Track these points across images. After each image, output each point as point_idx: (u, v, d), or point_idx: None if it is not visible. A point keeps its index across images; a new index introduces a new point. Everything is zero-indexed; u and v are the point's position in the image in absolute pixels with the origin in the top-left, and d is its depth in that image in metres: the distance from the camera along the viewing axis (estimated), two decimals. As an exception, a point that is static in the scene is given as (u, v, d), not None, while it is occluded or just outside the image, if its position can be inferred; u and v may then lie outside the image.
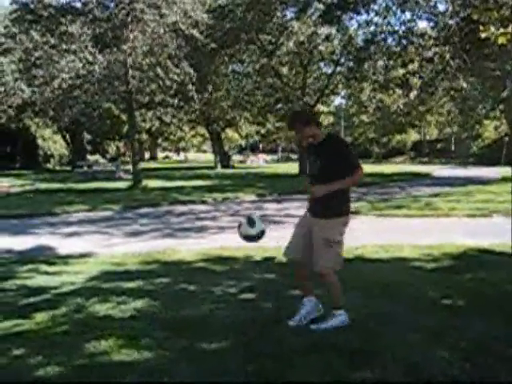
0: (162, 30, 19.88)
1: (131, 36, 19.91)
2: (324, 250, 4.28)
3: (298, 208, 14.08)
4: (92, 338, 4.06)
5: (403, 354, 3.64)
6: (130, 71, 20.58)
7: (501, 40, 7.22)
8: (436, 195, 16.49)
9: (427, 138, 61.82)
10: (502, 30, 7.18)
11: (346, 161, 4.27)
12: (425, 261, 6.83)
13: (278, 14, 27.56)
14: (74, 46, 19.44)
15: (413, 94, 31.04)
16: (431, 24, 24.94)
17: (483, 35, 7.41)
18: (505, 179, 20.46)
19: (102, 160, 45.14)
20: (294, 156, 56.03)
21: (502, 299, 4.97)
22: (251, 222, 4.50)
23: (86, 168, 31.17)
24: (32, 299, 5.37)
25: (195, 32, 20.41)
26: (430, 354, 3.65)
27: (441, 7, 23.78)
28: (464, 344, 3.82)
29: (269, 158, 61.41)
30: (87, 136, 47.18)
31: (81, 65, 19.50)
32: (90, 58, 19.45)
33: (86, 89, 21.68)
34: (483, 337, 3.95)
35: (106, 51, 20.21)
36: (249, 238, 4.54)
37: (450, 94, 29.93)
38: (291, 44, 29.06)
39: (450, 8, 21.78)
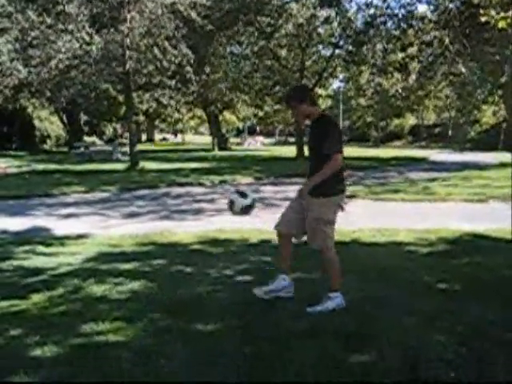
0: (159, 11, 19.69)
1: (129, 16, 19.74)
2: (318, 229, 4.34)
3: (295, 191, 14.09)
4: (89, 319, 4.07)
5: (399, 338, 3.66)
6: (128, 52, 20.43)
7: (501, 24, 7.17)
8: (433, 180, 16.51)
9: (425, 122, 61.74)
10: (502, 14, 7.14)
11: (327, 143, 4.27)
12: (421, 245, 6.85)
13: (277, -5, 27.35)
14: (70, 26, 19.25)
15: (411, 78, 30.98)
16: (431, 7, 24.82)
17: (483, 19, 7.37)
18: (503, 165, 20.48)
19: (99, 141, 45.00)
20: (292, 139, 55.94)
21: (499, 284, 4.99)
22: (243, 194, 4.62)
23: (82, 149, 31.07)
24: (29, 280, 5.38)
25: (193, 13, 20.23)
26: (425, 338, 3.67)
27: (441, -10, 23.57)
28: (460, 328, 3.84)
29: (266, 140, 61.31)
30: (84, 117, 46.97)
31: (78, 45, 19.33)
32: (87, 39, 19.28)
33: (83, 69, 21.55)
34: (479, 321, 3.97)
35: (103, 31, 20.04)
36: (246, 210, 4.60)
37: (448, 79, 29.87)
38: (290, 26, 28.86)
39: (451, -9, 21.65)
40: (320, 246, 4.38)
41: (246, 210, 4.60)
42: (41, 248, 7.02)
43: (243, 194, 4.61)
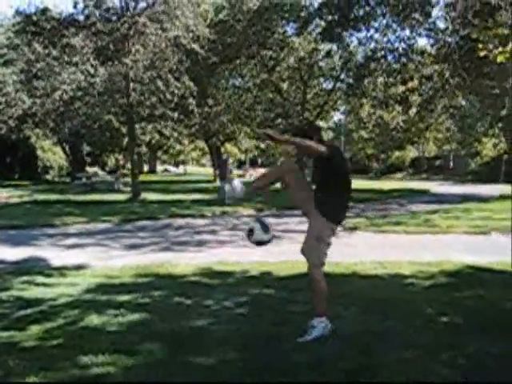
0: (163, 44, 20.01)
1: (133, 49, 20.04)
2: (314, 244, 4.36)
3: (297, 223, 14.05)
4: (88, 351, 4.04)
5: (401, 371, 3.63)
6: (131, 84, 20.68)
7: (499, 58, 7.29)
8: (434, 212, 16.49)
9: (426, 154, 61.95)
10: (500, 49, 7.26)
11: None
12: (423, 278, 6.81)
13: (279, 29, 27.77)
14: (75, 59, 19.56)
15: (412, 111, 31.23)
16: (431, 41, 25.17)
17: (482, 53, 7.49)
18: (504, 197, 20.48)
19: (101, 172, 45.16)
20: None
21: (501, 317, 4.95)
22: (265, 228, 4.50)
23: (85, 180, 31.17)
24: (28, 311, 5.35)
25: (196, 46, 20.54)
26: (427, 371, 3.63)
27: (440, 25, 23.95)
28: (462, 361, 3.80)
29: (268, 172, 61.35)
30: (87, 148, 47.21)
31: (82, 77, 19.60)
32: (92, 71, 19.57)
33: (87, 101, 21.79)
34: (481, 354, 3.92)
35: (107, 64, 20.33)
36: (261, 243, 4.57)
37: (449, 112, 30.11)
38: (292, 60, 29.24)
39: (450, 26, 21.98)
40: (316, 261, 4.37)
41: (260, 244, 4.58)
42: (40, 279, 7.00)
43: (265, 228, 4.51)
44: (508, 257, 7.64)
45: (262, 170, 57.27)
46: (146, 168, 62.22)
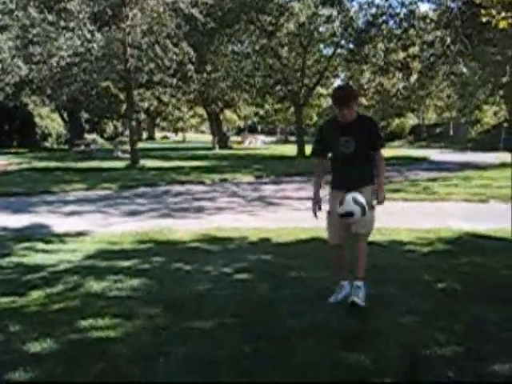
0: (161, 9, 19.68)
1: (130, 14, 19.71)
2: (370, 214, 4.46)
3: (295, 190, 14.08)
4: (88, 316, 4.07)
5: (398, 337, 3.66)
6: (129, 50, 20.41)
7: (502, 24, 7.18)
8: (434, 179, 16.47)
9: (426, 122, 61.66)
10: (503, 15, 7.14)
11: (376, 141, 4.55)
12: (421, 245, 6.84)
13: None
14: (72, 24, 19.22)
15: (413, 78, 30.97)
16: (433, 7, 24.86)
17: (484, 19, 7.37)
18: (504, 165, 20.45)
19: (99, 139, 44.95)
20: (292, 138, 55.91)
21: (498, 284, 4.98)
22: (360, 204, 4.42)
23: (83, 147, 31.04)
24: (29, 277, 5.38)
25: (195, 11, 20.22)
26: (425, 337, 3.66)
27: (443, -10, 23.58)
28: (459, 328, 3.84)
29: (267, 139, 61.25)
30: (85, 115, 46.89)
31: (79, 42, 19.30)
32: (89, 36, 19.25)
33: (84, 67, 21.50)
34: (478, 321, 3.96)
35: (104, 29, 20.03)
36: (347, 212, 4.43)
37: (449, 79, 29.85)
38: (291, 25, 28.88)
39: (453, -9, 21.66)
40: (369, 230, 4.55)
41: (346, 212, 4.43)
42: (41, 245, 7.03)
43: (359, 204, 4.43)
44: (507, 224, 7.65)
45: (261, 137, 56.82)
46: (144, 135, 62.05)
